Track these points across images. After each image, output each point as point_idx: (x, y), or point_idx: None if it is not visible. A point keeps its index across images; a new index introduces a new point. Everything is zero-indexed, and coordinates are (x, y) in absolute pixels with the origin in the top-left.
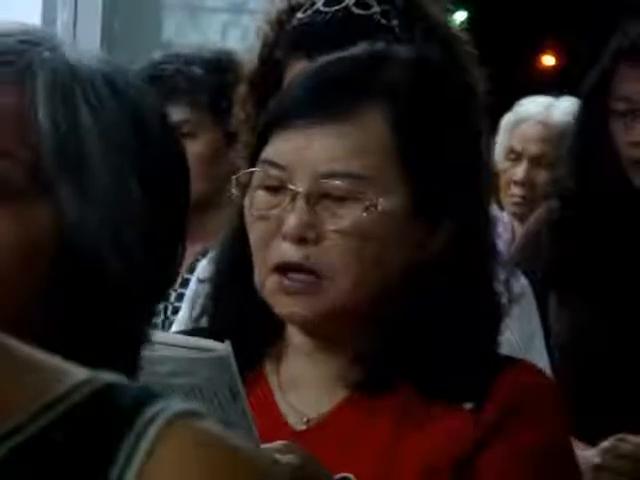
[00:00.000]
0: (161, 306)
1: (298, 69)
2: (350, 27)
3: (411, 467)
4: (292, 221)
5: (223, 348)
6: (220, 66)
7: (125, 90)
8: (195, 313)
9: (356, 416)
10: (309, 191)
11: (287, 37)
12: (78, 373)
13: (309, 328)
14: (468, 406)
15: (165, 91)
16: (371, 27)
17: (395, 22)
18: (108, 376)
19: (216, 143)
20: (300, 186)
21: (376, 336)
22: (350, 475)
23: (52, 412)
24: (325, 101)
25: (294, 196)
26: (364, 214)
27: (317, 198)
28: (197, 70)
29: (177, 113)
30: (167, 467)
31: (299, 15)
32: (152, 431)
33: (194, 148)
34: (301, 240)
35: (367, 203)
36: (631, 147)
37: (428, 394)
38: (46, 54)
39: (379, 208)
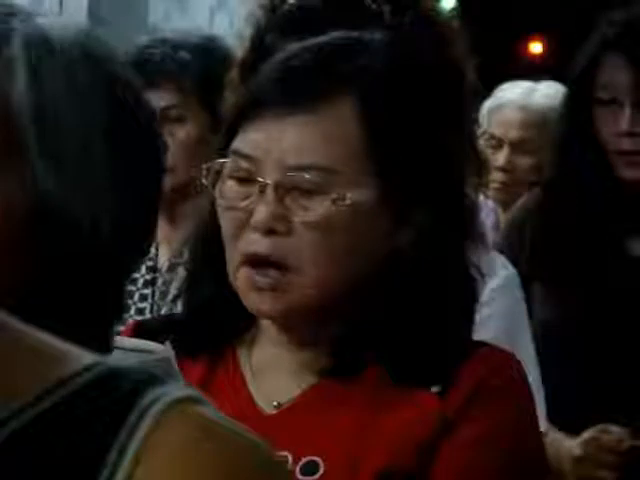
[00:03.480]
0: (148, 291)
1: None
2: (341, 12)
3: (378, 451)
4: (261, 213)
5: (164, 350)
6: (208, 51)
7: (96, 55)
8: (170, 297)
9: (325, 401)
10: (278, 183)
11: (278, 22)
12: (84, 357)
13: (278, 322)
14: (435, 389)
15: (152, 76)
16: (362, 13)
17: (386, 8)
18: (113, 361)
19: (203, 128)
20: (269, 178)
21: (346, 323)
22: (317, 458)
23: (53, 396)
24: (293, 91)
25: (263, 188)
26: (332, 207)
27: (286, 190)
28: (184, 55)
29: (164, 98)
30: (165, 451)
31: (291, 0)
32: (151, 414)
33: (182, 133)
34: (270, 232)
35: (335, 196)
36: (615, 137)
37: (396, 378)
38: (20, 23)
39: (347, 201)
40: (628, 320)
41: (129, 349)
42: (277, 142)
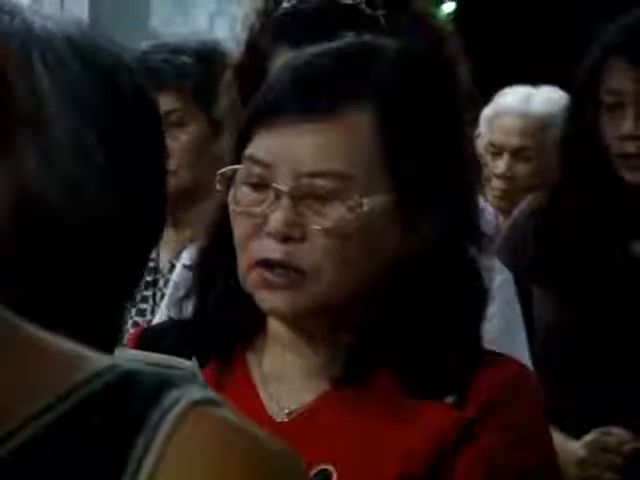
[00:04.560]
0: (149, 292)
1: (283, 59)
2: (335, 16)
3: (391, 460)
4: (277, 219)
5: (189, 365)
6: (208, 56)
7: (90, 52)
8: (177, 296)
9: (337, 408)
10: (293, 190)
11: (273, 26)
12: (99, 360)
13: (291, 322)
14: (449, 400)
15: (153, 80)
16: (356, 16)
17: (380, 12)
18: (128, 364)
19: (204, 132)
20: (284, 185)
21: (358, 330)
22: (329, 467)
23: (73, 398)
24: (310, 98)
25: (278, 194)
26: (348, 214)
27: (301, 196)
28: (185, 60)
29: (165, 103)
30: (187, 453)
31: (285, 4)
32: (171, 417)
33: (182, 137)
34: (285, 238)
35: (351, 203)
36: (619, 141)
37: (409, 387)
38: (4, 17)
39: (364, 208)
40: (630, 323)
41: (156, 365)
42: (293, 148)
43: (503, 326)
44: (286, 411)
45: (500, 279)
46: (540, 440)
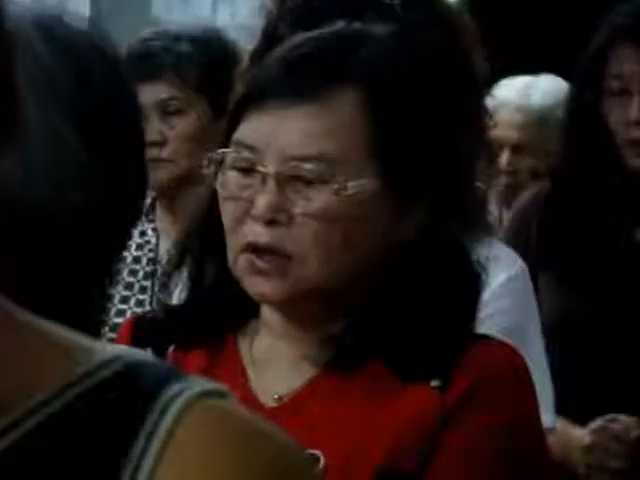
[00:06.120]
0: (148, 283)
1: None
2: (353, 4)
3: (379, 445)
4: (262, 203)
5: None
6: (208, 43)
7: (64, 42)
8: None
9: (326, 394)
10: (279, 173)
11: (290, 13)
12: (104, 351)
13: (280, 308)
14: (435, 383)
15: (153, 68)
16: (373, 5)
17: (397, 0)
18: (134, 354)
19: (203, 120)
20: (270, 168)
21: (347, 315)
22: (318, 452)
23: (74, 390)
24: (297, 82)
25: (264, 178)
26: (333, 197)
27: (287, 180)
28: (185, 47)
29: (163, 90)
30: (189, 444)
31: None
32: (174, 409)
33: (182, 125)
34: (271, 222)
35: (336, 186)
36: (624, 127)
37: (396, 372)
38: None
39: (349, 191)
40: (634, 309)
41: None
42: (279, 132)
43: (514, 318)
44: (275, 396)
45: (514, 268)
46: (526, 423)
